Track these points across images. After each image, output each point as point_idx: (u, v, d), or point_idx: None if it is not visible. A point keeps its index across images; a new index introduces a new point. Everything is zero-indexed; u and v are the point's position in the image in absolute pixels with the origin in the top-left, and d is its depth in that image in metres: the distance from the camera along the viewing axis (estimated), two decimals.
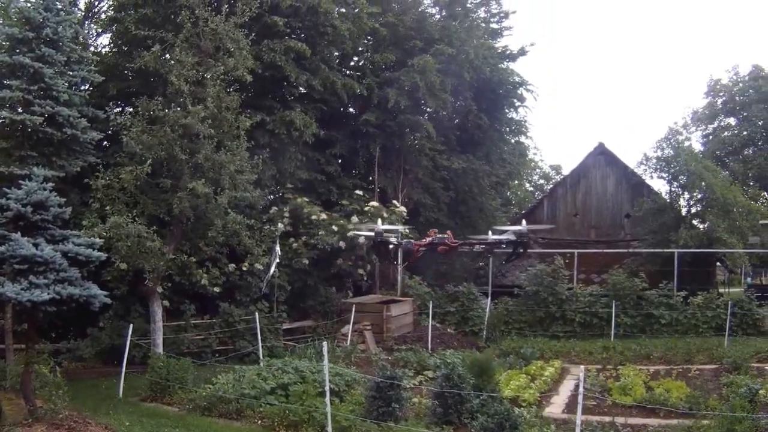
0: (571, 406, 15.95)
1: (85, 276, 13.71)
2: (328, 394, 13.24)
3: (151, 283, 19.36)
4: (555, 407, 16.50)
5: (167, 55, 21.49)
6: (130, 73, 25.76)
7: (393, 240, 22.14)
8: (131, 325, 18.53)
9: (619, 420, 14.43)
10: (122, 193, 19.06)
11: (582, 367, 13.64)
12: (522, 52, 38.72)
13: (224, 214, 19.42)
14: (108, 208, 18.83)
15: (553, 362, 21.59)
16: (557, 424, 14.17)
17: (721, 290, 37.12)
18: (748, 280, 47.40)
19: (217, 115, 19.63)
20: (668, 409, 14.92)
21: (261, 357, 19.91)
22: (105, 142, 23.91)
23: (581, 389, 12.23)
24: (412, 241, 22.11)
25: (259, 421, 14.16)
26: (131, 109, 24.81)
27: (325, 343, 13.97)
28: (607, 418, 14.48)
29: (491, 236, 22.65)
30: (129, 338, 18.01)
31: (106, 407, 15.45)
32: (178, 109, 19.32)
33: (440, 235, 20.58)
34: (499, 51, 38.29)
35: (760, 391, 15.01)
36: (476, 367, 15.56)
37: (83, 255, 13.23)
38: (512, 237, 20.83)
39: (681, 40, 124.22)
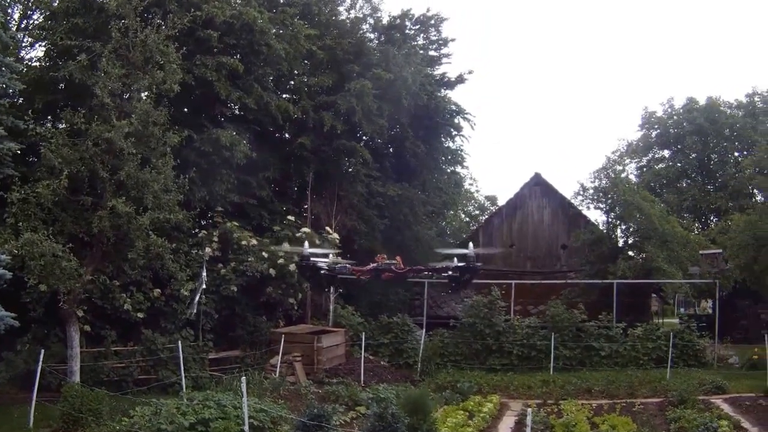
0: None
1: None
2: None
3: (67, 305, 18.00)
4: None
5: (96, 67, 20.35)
6: (59, 86, 24.36)
7: (323, 264, 20.91)
8: (42, 351, 17.23)
9: None
10: (39, 209, 17.73)
11: (528, 404, 12.91)
12: (460, 79, 38.33)
13: (146, 236, 18.22)
14: (22, 224, 17.45)
15: (492, 397, 20.85)
16: None
17: (656, 321, 37.02)
18: (682, 310, 47.65)
19: (143, 130, 18.53)
20: None
21: (184, 388, 18.66)
22: (30, 157, 22.44)
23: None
24: (348, 266, 20.88)
25: None
26: (53, 122, 23.50)
27: (244, 378, 12.92)
28: None
29: (440, 264, 21.70)
30: (41, 364, 16.74)
31: None
32: (102, 123, 18.15)
33: (388, 261, 19.40)
34: (438, 78, 37.92)
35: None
36: (411, 405, 14.56)
37: None
38: (459, 264, 19.91)
39: (616, 71, 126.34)
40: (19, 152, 20.16)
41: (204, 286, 22.08)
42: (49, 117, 25.54)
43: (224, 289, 24.27)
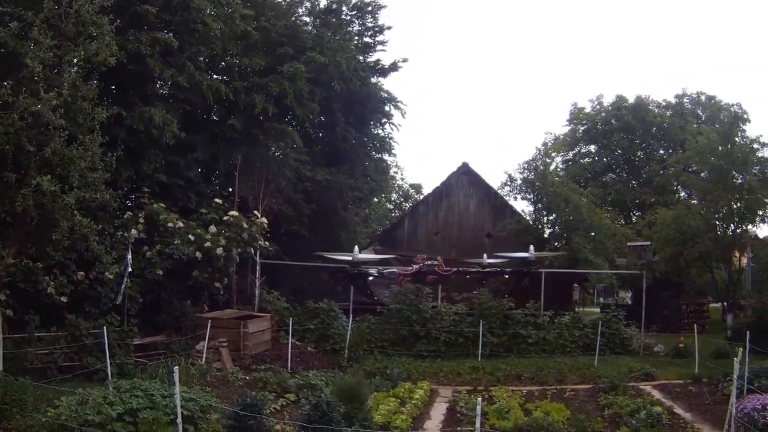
0: None
1: None
2: (180, 426, 11.76)
3: None
4: None
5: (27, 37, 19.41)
6: None
7: (373, 271, 19.86)
8: None
9: None
10: None
11: (458, 390, 12.80)
12: (394, 67, 38.38)
13: (71, 216, 17.50)
14: None
15: (422, 384, 20.75)
16: None
17: (577, 310, 37.67)
18: (601, 299, 48.68)
19: (72, 104, 17.77)
20: None
21: (110, 376, 18.00)
22: None
23: (478, 423, 11.18)
24: (396, 270, 19.75)
25: None
26: None
27: (176, 368, 12.46)
28: None
29: (486, 260, 20.93)
30: None
31: None
32: (30, 96, 17.32)
33: (429, 262, 18.25)
34: (371, 65, 37.83)
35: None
36: (346, 393, 14.39)
37: None
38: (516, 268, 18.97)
39: (547, 66, 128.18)
40: None
41: (130, 269, 21.41)
42: None
43: (150, 273, 23.56)
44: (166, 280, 24.22)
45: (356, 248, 18.23)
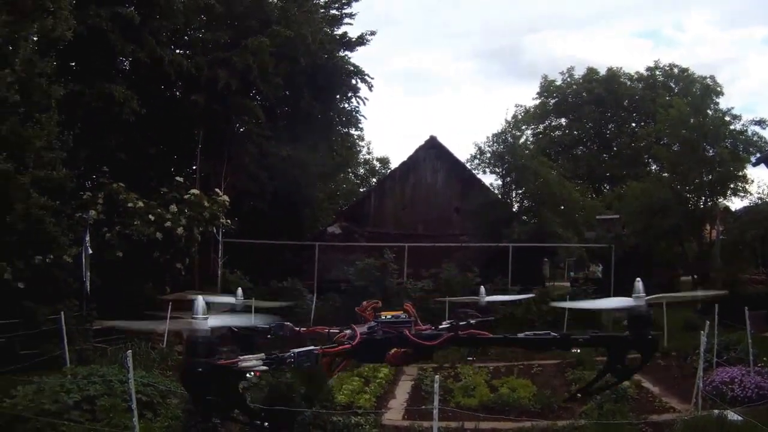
0: (411, 412, 14.98)
1: None
2: (135, 413, 11.49)
3: None
4: (394, 413, 15.34)
5: None
6: None
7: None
8: None
9: (469, 425, 13.44)
10: None
11: (423, 368, 12.61)
12: (361, 40, 37.74)
13: (26, 197, 17.04)
14: None
15: None
16: None
17: (546, 284, 37.62)
18: (572, 273, 48.83)
19: (28, 81, 17.31)
20: (520, 410, 14.39)
21: (68, 362, 17.60)
22: None
23: (436, 401, 11.04)
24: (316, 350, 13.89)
25: None
26: None
27: (129, 352, 12.17)
28: (454, 424, 13.37)
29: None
30: None
31: None
32: None
33: (390, 315, 10.79)
34: (338, 38, 37.21)
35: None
36: (305, 373, 14.19)
37: None
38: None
39: (517, 37, 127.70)
40: None
41: (90, 252, 20.93)
42: None
43: (109, 255, 23.13)
44: (126, 262, 23.74)
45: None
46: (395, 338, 3.14)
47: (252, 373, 4.91)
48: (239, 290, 3.56)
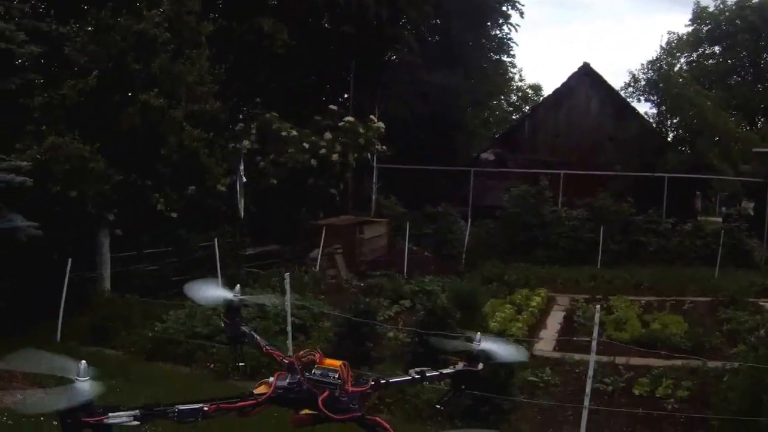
0: (562, 343, 14.68)
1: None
2: (290, 335, 11.65)
3: (95, 210, 16.87)
4: (545, 344, 15.04)
5: None
6: None
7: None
8: (69, 260, 15.22)
9: (620, 360, 13.02)
10: (63, 111, 16.47)
11: (575, 299, 12.24)
12: None
13: (180, 130, 17.37)
14: (45, 128, 16.21)
15: (539, 291, 20.07)
16: (550, 365, 12.77)
17: (699, 218, 35.98)
18: (723, 209, 46.58)
19: (176, 19, 17.56)
20: (671, 347, 13.83)
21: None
22: (53, 61, 21.16)
23: (596, 332, 10.59)
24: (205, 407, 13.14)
25: (212, 365, 12.42)
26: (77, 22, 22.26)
27: (288, 275, 12.29)
28: (605, 358, 12.83)
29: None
30: (68, 274, 15.02)
31: None
32: (131, 16, 17.09)
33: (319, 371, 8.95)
34: None
35: None
36: (461, 299, 14.05)
37: (3, 182, 11.16)
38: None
39: None
40: (41, 58, 18.10)
41: (244, 180, 21.25)
42: (72, 20, 24.43)
43: (263, 183, 23.60)
44: (279, 189, 24.11)
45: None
46: (307, 401, 2.74)
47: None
48: (237, 286, 3.30)
